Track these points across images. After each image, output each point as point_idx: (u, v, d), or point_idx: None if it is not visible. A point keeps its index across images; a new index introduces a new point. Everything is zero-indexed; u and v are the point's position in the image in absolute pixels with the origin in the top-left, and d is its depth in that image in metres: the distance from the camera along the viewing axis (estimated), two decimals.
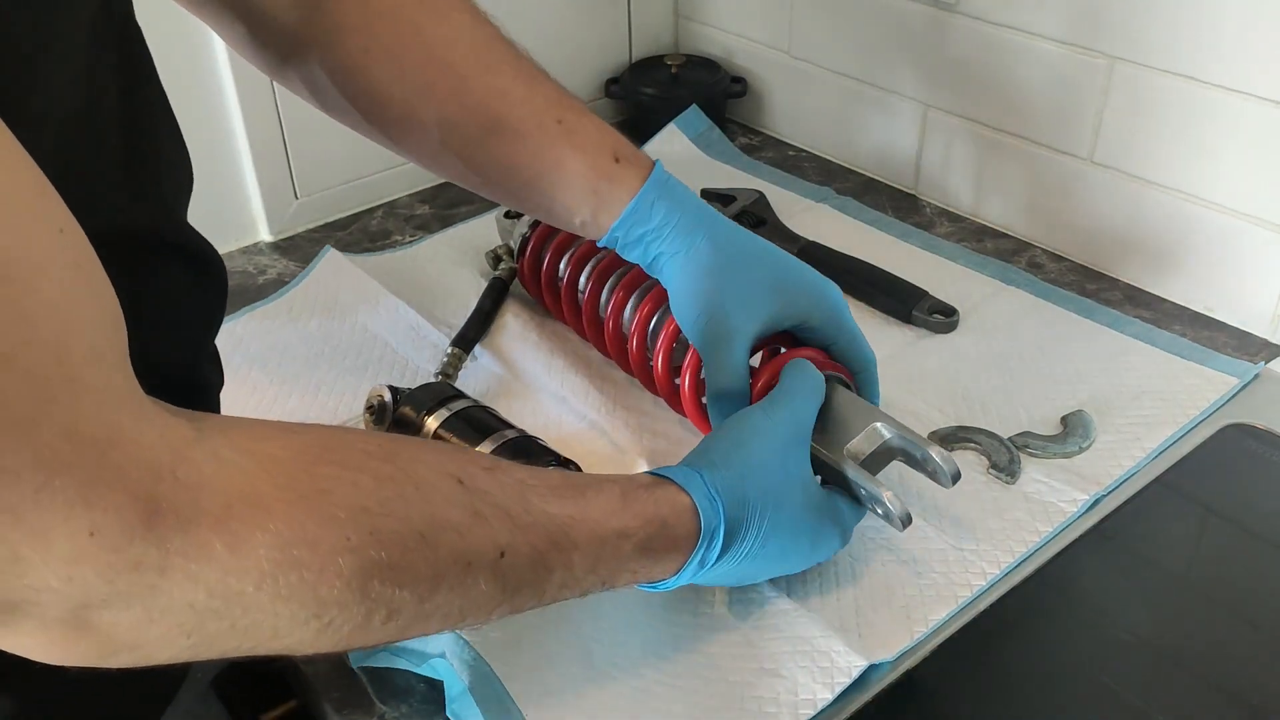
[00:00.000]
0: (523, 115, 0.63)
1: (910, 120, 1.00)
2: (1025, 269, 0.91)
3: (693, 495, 0.54)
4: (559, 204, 0.66)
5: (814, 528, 0.59)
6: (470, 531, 0.43)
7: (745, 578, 0.59)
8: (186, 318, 0.53)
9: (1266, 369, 0.79)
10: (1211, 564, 0.67)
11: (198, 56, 0.89)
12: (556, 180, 0.64)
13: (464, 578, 0.43)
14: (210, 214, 0.94)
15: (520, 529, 0.45)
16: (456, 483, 0.43)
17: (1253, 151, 0.79)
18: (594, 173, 0.64)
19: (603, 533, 0.49)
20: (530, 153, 0.64)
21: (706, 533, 0.54)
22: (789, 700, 0.56)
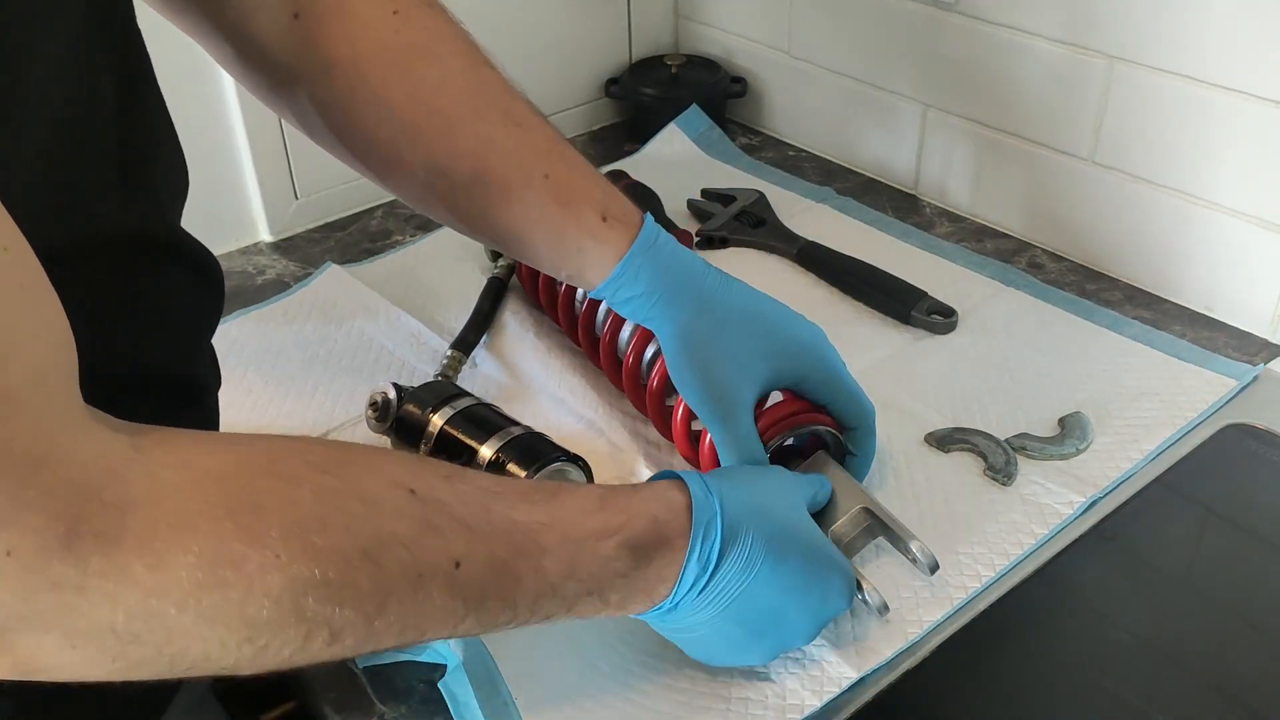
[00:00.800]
0: (510, 167, 0.62)
1: (910, 120, 1.00)
2: (1025, 269, 0.91)
3: (689, 485, 0.52)
4: (545, 258, 0.65)
5: (824, 562, 0.56)
6: (420, 544, 0.41)
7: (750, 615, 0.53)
8: (182, 320, 0.53)
9: (1266, 370, 0.79)
10: (1211, 565, 0.67)
11: (198, 57, 0.88)
12: (541, 236, 0.63)
13: (415, 593, 0.41)
14: (210, 214, 0.95)
15: (479, 538, 0.44)
16: (408, 494, 0.42)
17: (1253, 151, 0.79)
18: (579, 232, 0.62)
19: (577, 534, 0.47)
20: (516, 207, 0.62)
21: (700, 524, 0.51)
22: (776, 704, 0.56)
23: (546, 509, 0.47)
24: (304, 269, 0.94)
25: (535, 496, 0.47)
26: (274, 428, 0.76)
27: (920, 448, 0.73)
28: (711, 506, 0.52)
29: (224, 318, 0.85)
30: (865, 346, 0.82)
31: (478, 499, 0.45)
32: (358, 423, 0.75)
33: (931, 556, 0.61)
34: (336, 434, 0.75)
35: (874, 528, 0.63)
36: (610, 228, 0.62)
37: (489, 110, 0.62)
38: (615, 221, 0.63)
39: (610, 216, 0.63)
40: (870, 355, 0.81)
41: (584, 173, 0.64)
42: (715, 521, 0.52)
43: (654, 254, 0.63)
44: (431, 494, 0.43)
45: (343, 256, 0.95)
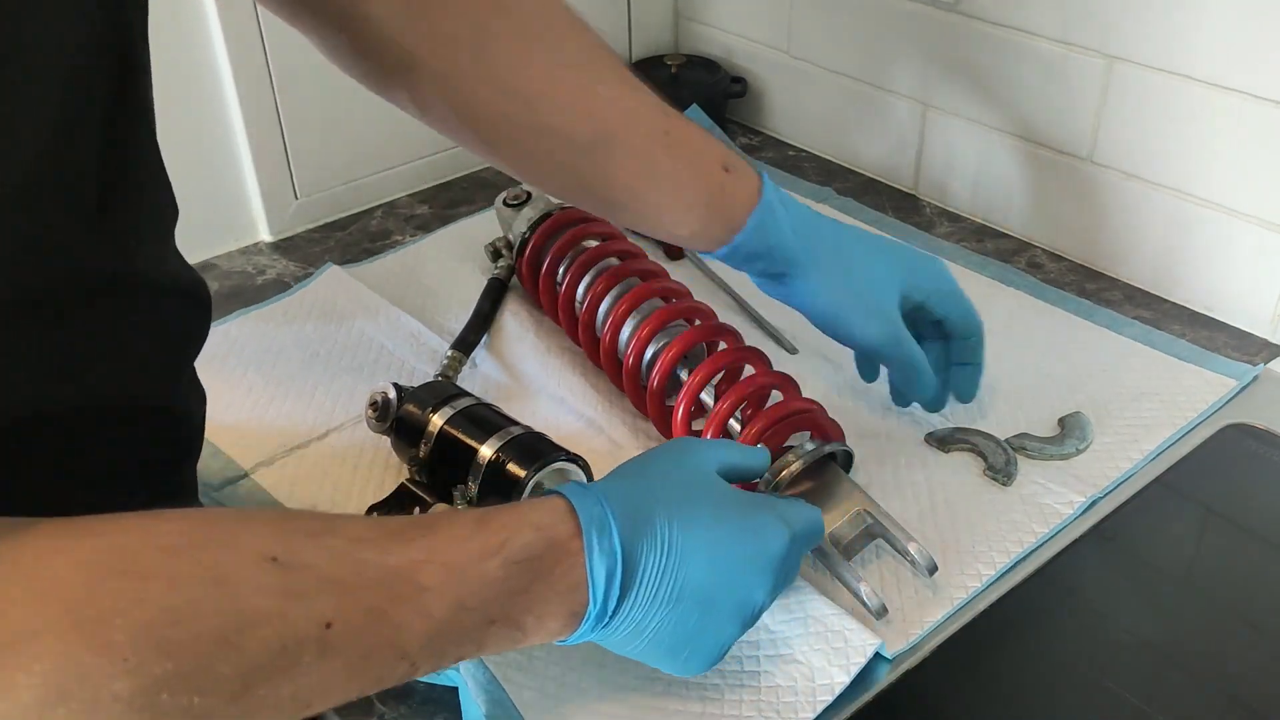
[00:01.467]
0: (631, 125, 0.63)
1: (910, 120, 1.00)
2: (1025, 269, 0.91)
3: (563, 492, 0.50)
4: (666, 216, 0.65)
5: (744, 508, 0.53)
6: (285, 616, 0.40)
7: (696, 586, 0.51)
8: (163, 351, 0.52)
9: (1266, 370, 0.79)
10: (1211, 565, 0.67)
11: (197, 56, 0.89)
12: (664, 192, 0.64)
13: (284, 665, 0.40)
14: (210, 214, 0.95)
15: (350, 593, 0.42)
16: (270, 563, 0.41)
17: (1252, 151, 0.79)
18: (705, 184, 0.64)
19: (457, 561, 0.46)
20: (638, 164, 0.63)
21: (589, 519, 0.49)
22: (806, 688, 0.56)
23: (421, 545, 0.45)
24: (304, 269, 0.94)
25: (410, 534, 0.46)
26: (275, 427, 0.76)
27: (920, 448, 0.73)
28: (594, 499, 0.50)
29: (223, 318, 0.86)
30: None
31: (346, 551, 0.43)
32: (358, 423, 0.75)
33: (930, 558, 0.61)
34: (337, 434, 0.75)
35: (873, 529, 0.63)
36: (734, 178, 0.64)
37: (607, 74, 0.63)
38: (737, 174, 0.65)
39: (732, 168, 0.65)
40: None
41: (699, 130, 0.65)
42: (604, 512, 0.50)
43: (782, 200, 0.66)
44: (296, 558, 0.42)
45: (343, 256, 0.95)
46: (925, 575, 0.61)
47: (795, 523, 0.55)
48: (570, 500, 0.50)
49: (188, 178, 0.85)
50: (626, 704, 0.56)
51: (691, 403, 0.68)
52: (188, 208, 0.55)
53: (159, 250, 0.52)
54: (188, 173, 0.69)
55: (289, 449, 0.74)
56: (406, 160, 1.04)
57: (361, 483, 0.71)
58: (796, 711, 0.55)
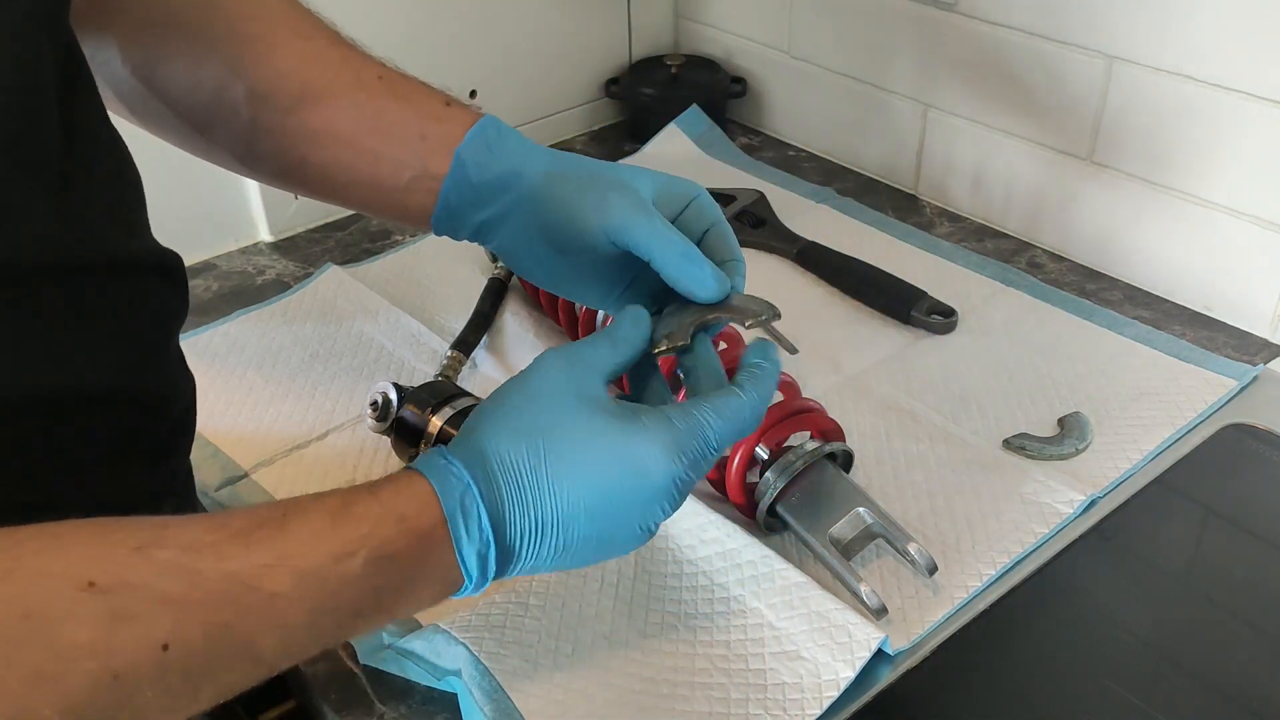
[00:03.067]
0: (338, 74, 0.57)
1: (910, 120, 1.00)
2: (1025, 269, 0.91)
3: (422, 470, 0.46)
4: (384, 161, 0.57)
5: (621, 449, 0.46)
6: (109, 644, 0.37)
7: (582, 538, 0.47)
8: (139, 332, 0.50)
9: (1266, 370, 0.79)
10: (1211, 564, 0.67)
11: None
12: (378, 134, 0.57)
13: (116, 693, 0.37)
14: (210, 214, 0.95)
15: (187, 610, 0.38)
16: (87, 588, 0.37)
17: (1252, 151, 0.79)
18: (422, 118, 0.57)
19: (311, 565, 0.41)
20: (348, 111, 0.57)
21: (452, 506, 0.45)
22: (812, 684, 0.56)
23: (270, 547, 0.41)
24: (304, 269, 0.94)
25: (256, 535, 0.41)
26: (275, 427, 0.76)
27: (920, 447, 0.73)
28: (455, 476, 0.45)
29: (223, 318, 0.86)
30: (865, 347, 0.82)
31: (180, 562, 0.39)
32: (358, 423, 0.75)
33: (930, 558, 0.61)
34: (337, 434, 0.75)
35: (873, 529, 0.63)
36: (454, 110, 0.57)
37: (312, 31, 0.58)
38: (458, 107, 0.58)
39: (453, 103, 0.58)
40: (870, 355, 0.81)
41: (418, 80, 0.59)
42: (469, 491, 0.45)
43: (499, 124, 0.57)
44: (118, 578, 0.38)
45: (343, 256, 0.95)
46: (925, 575, 0.61)
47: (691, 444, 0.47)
48: (431, 482, 0.45)
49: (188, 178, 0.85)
50: (631, 705, 0.56)
51: None
52: (187, 207, 0.55)
53: (127, 228, 0.51)
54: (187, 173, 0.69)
55: (289, 449, 0.74)
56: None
57: (361, 482, 0.71)
58: (803, 708, 0.56)
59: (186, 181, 0.93)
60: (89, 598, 0.37)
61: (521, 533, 0.46)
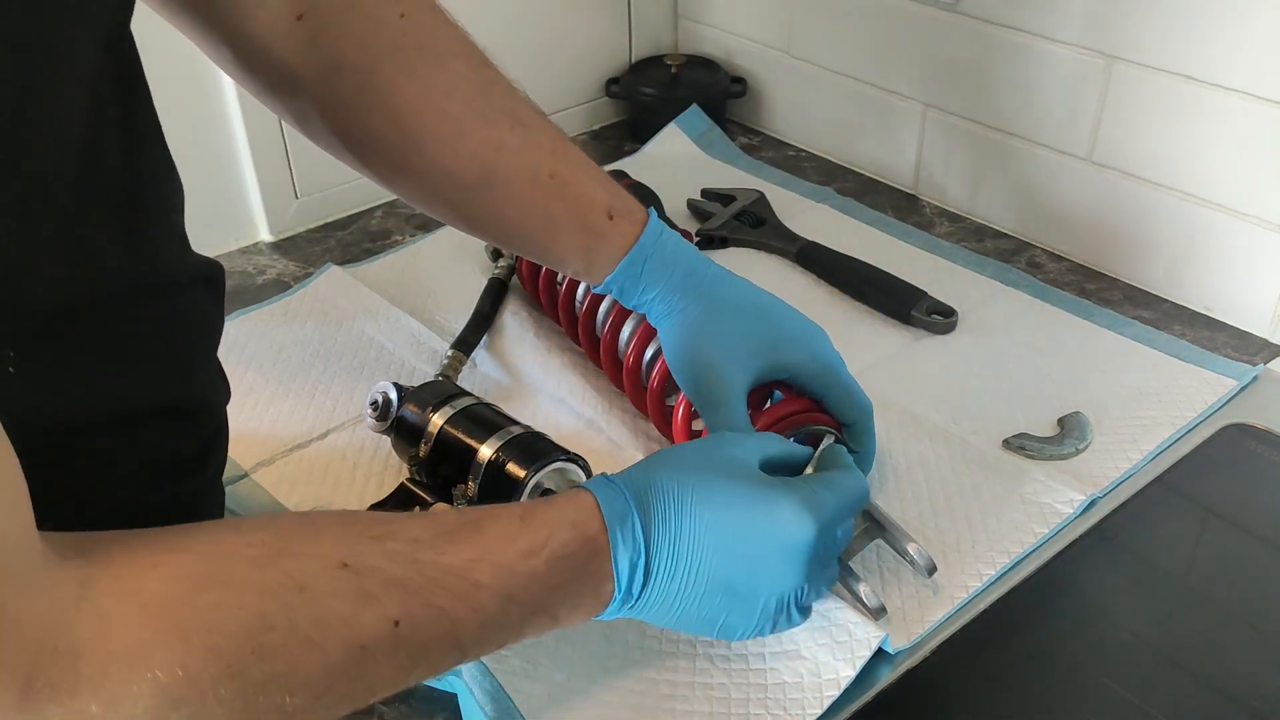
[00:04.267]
0: (516, 168, 0.62)
1: (910, 120, 1.00)
2: (1025, 268, 0.91)
3: (590, 487, 0.52)
4: (551, 256, 0.67)
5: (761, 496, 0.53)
6: (359, 617, 0.43)
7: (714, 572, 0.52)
8: (190, 344, 0.53)
9: (1266, 370, 0.79)
10: (1211, 564, 0.67)
11: (196, 56, 0.88)
12: (548, 235, 0.64)
13: (360, 663, 0.43)
14: (210, 214, 0.95)
15: (414, 594, 0.45)
16: (342, 568, 0.43)
17: (1252, 151, 0.79)
18: (585, 230, 0.64)
19: (506, 560, 0.48)
20: (522, 207, 0.63)
21: (611, 514, 0.51)
22: (812, 683, 0.56)
23: (472, 545, 0.47)
24: (304, 269, 0.94)
25: (460, 534, 0.48)
26: (275, 427, 0.76)
27: (919, 447, 0.73)
28: (617, 491, 0.52)
29: (225, 317, 0.86)
30: (865, 346, 0.82)
31: (407, 553, 0.46)
32: (358, 423, 0.75)
33: (929, 558, 0.61)
34: (337, 434, 0.75)
35: (872, 530, 0.63)
36: (615, 225, 0.64)
37: (495, 113, 0.62)
38: (620, 219, 0.64)
39: (616, 214, 0.64)
40: (870, 355, 0.81)
41: (589, 171, 0.65)
42: (626, 505, 0.51)
43: (659, 249, 0.64)
44: (363, 562, 0.44)
45: (343, 256, 0.95)
46: (924, 576, 0.61)
47: (824, 507, 0.54)
48: (596, 495, 0.52)
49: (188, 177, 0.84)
50: (631, 706, 0.56)
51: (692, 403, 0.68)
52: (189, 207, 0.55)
53: (178, 245, 0.52)
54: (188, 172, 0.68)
55: (289, 449, 0.74)
56: None
57: (361, 482, 0.71)
58: (804, 707, 0.56)
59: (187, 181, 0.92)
60: (344, 575, 0.43)
61: (660, 552, 0.51)
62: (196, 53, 0.88)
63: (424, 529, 0.47)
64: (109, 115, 0.45)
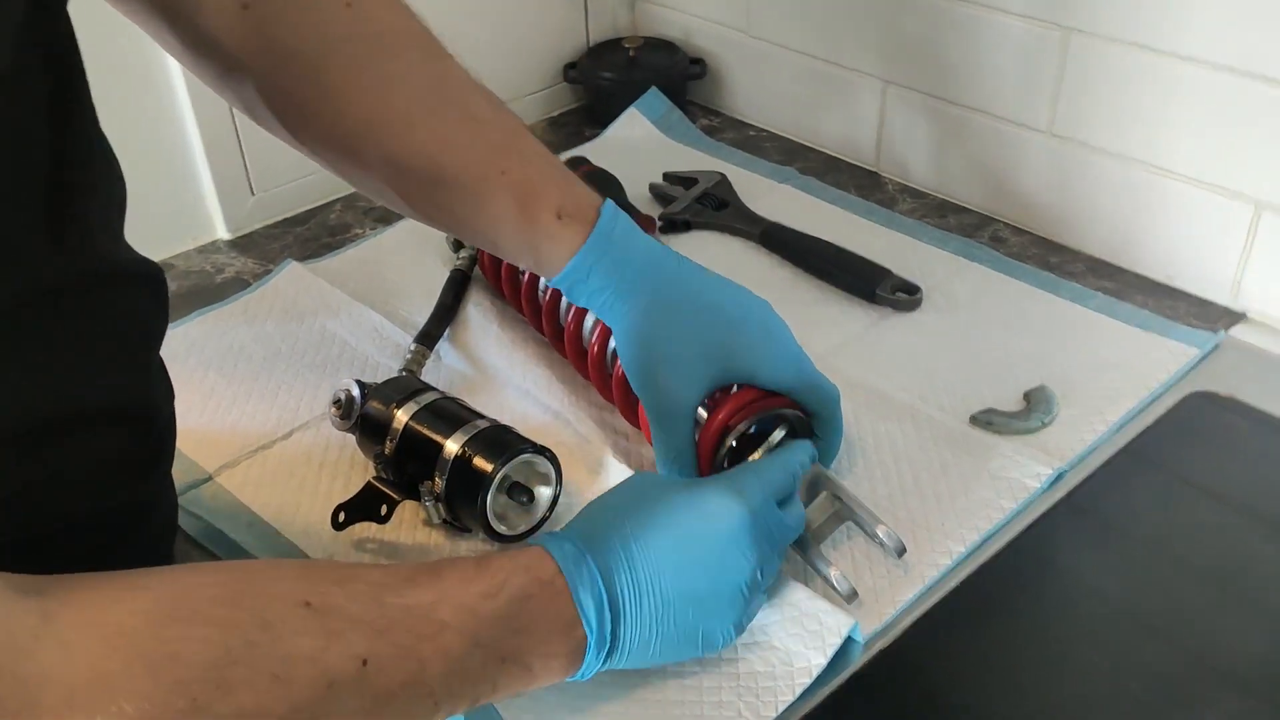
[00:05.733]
0: (465, 165, 0.62)
1: (870, 97, 1.00)
2: (988, 243, 0.91)
3: (536, 541, 0.54)
4: (505, 252, 0.67)
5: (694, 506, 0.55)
6: (326, 654, 0.43)
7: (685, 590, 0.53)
8: (127, 344, 0.52)
9: (1227, 337, 0.79)
10: (1179, 531, 0.68)
11: (146, 52, 0.87)
12: (499, 233, 0.63)
13: (328, 700, 0.42)
14: (165, 213, 0.94)
15: (380, 633, 0.45)
16: (305, 607, 0.43)
17: (1210, 119, 0.79)
18: (534, 230, 0.62)
19: (467, 601, 0.48)
20: (471, 205, 0.62)
21: (563, 557, 0.52)
22: (784, 672, 0.56)
23: (432, 588, 0.48)
24: (263, 266, 0.93)
25: (419, 578, 0.48)
26: (238, 428, 0.75)
27: (888, 427, 0.73)
28: (564, 538, 0.53)
29: (182, 318, 0.85)
30: (831, 327, 0.82)
31: (370, 594, 0.46)
32: (322, 421, 0.75)
33: (899, 540, 0.61)
34: (301, 433, 0.74)
35: (841, 513, 0.63)
36: (565, 225, 0.62)
37: (446, 107, 0.61)
38: (570, 219, 0.62)
39: (565, 214, 0.62)
40: (836, 335, 0.81)
41: (541, 168, 0.63)
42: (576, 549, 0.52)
43: (609, 249, 0.63)
44: (326, 602, 0.44)
45: (302, 252, 0.94)
46: (894, 557, 0.62)
47: (747, 489, 0.56)
48: (544, 545, 0.53)
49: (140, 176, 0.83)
50: (602, 697, 0.56)
51: None
52: (142, 207, 0.54)
53: (113, 241, 0.51)
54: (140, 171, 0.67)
55: (253, 450, 0.73)
56: None
57: (328, 482, 0.70)
58: (776, 695, 0.56)
59: (140, 180, 0.90)
60: (308, 614, 0.43)
61: (622, 586, 0.52)
62: (147, 50, 0.87)
63: (384, 574, 0.48)
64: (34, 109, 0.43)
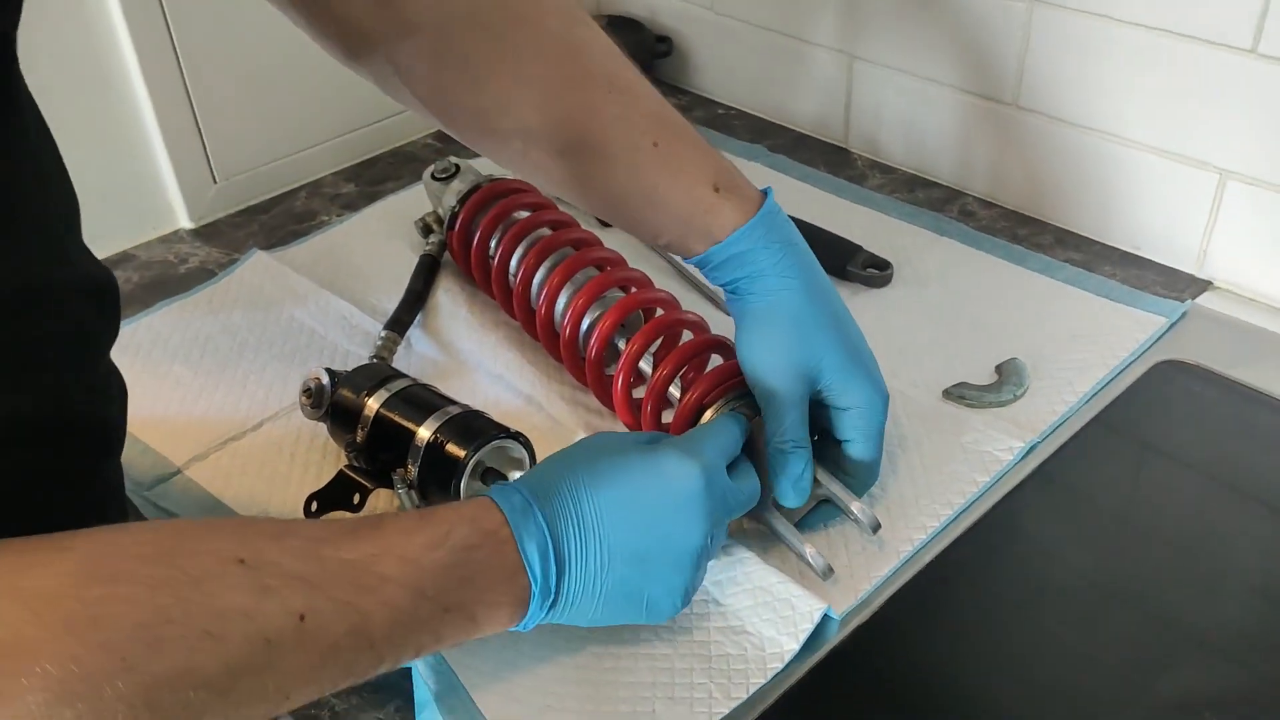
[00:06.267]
0: (614, 135, 0.60)
1: (837, 73, 1.00)
2: (957, 217, 0.92)
3: (485, 492, 0.53)
4: (647, 224, 0.64)
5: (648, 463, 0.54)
6: (260, 609, 0.42)
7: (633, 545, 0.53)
8: (72, 354, 0.50)
9: (1194, 306, 0.80)
10: (1150, 498, 0.69)
11: (96, 38, 0.85)
12: (648, 204, 0.62)
13: (266, 656, 0.42)
14: (126, 204, 0.92)
15: (318, 588, 0.44)
16: (239, 564, 0.43)
17: (1174, 89, 0.79)
18: (690, 202, 0.61)
19: (410, 553, 0.48)
20: (620, 175, 0.61)
21: (510, 508, 0.51)
22: (756, 656, 0.56)
23: (374, 540, 0.47)
24: (228, 255, 0.91)
25: (361, 531, 0.48)
26: (207, 420, 0.74)
27: None
28: (512, 489, 0.53)
29: (146, 310, 0.84)
30: None
31: (307, 550, 0.45)
32: (292, 411, 0.74)
33: (873, 517, 0.61)
34: (271, 424, 0.73)
35: (816, 491, 0.63)
36: (722, 199, 0.61)
37: (588, 79, 0.61)
38: (727, 194, 0.61)
39: (723, 188, 0.61)
40: None
41: (692, 140, 0.62)
42: (524, 499, 0.52)
43: (775, 226, 0.62)
44: (261, 558, 0.43)
45: (268, 240, 0.93)
46: (869, 534, 0.62)
47: (704, 453, 0.55)
48: (492, 496, 0.52)
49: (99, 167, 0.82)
50: (576, 680, 0.56)
51: (631, 371, 0.68)
52: (102, 198, 0.53)
53: (60, 251, 0.49)
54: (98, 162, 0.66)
55: (222, 442, 0.72)
56: (328, 137, 1.01)
57: (300, 471, 0.70)
58: (747, 677, 0.56)
59: (98, 171, 0.90)
60: (241, 570, 0.42)
61: (567, 536, 0.52)
62: (96, 35, 0.85)
63: (323, 529, 0.47)
64: None
